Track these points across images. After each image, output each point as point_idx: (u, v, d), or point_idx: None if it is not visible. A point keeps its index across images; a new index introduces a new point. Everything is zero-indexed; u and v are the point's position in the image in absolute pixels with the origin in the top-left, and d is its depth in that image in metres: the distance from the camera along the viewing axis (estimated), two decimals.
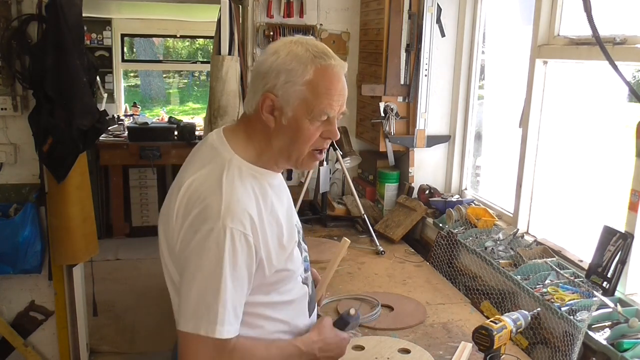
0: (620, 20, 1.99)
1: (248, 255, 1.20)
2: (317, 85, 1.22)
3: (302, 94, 1.22)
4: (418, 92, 2.96)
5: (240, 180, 1.24)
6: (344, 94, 1.29)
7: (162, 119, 6.34)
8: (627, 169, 1.91)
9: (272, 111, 1.25)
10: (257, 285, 1.27)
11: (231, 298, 1.18)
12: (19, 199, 3.03)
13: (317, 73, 1.23)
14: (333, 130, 1.28)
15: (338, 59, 1.27)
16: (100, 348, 3.62)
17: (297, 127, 1.25)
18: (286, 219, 1.33)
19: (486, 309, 2.16)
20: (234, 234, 1.18)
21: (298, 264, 1.36)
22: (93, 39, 5.89)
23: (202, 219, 1.19)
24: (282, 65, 1.23)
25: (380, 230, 2.92)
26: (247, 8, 3.15)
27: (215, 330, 1.17)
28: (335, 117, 1.28)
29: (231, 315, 1.19)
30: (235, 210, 1.19)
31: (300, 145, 1.27)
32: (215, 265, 1.17)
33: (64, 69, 2.66)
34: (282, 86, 1.23)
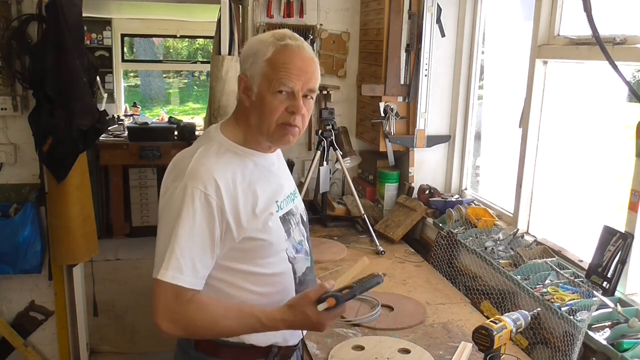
0: (620, 20, 1.99)
1: (208, 213, 1.31)
2: (275, 61, 1.36)
3: (263, 70, 1.36)
4: (418, 92, 2.96)
5: (217, 153, 1.39)
6: (306, 70, 1.39)
7: (162, 119, 6.35)
8: (627, 169, 1.91)
9: (245, 91, 1.40)
10: (231, 250, 1.37)
11: (181, 247, 1.29)
12: (19, 199, 3.03)
13: (275, 51, 1.36)
14: (295, 104, 1.37)
15: (299, 41, 1.40)
16: (100, 348, 3.62)
17: (262, 101, 1.37)
18: (268, 195, 1.42)
19: (486, 309, 2.16)
20: (194, 192, 1.31)
21: (279, 239, 1.43)
22: (93, 39, 5.89)
23: (173, 180, 1.36)
24: (250, 50, 1.40)
25: (380, 230, 2.92)
26: (247, 8, 3.15)
27: (159, 273, 1.29)
28: (299, 92, 1.37)
29: (180, 264, 1.29)
30: (198, 172, 1.33)
31: (266, 119, 1.38)
32: (174, 217, 1.31)
33: (64, 69, 2.66)
34: (249, 67, 1.39)
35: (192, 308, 1.32)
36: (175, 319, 1.32)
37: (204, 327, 1.35)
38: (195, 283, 1.33)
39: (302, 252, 1.51)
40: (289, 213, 1.50)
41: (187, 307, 1.32)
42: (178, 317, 1.32)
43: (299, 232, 1.52)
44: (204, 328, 1.35)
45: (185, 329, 1.35)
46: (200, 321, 1.33)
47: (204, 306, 1.34)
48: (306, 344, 1.82)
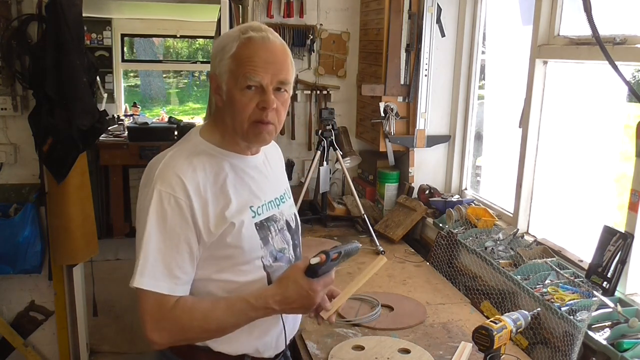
0: (620, 20, 1.99)
1: (179, 216, 1.27)
2: (239, 56, 1.29)
3: (229, 67, 1.30)
4: (418, 92, 2.96)
5: (189, 154, 1.34)
6: (274, 61, 1.30)
7: (162, 119, 6.34)
8: (627, 169, 1.91)
9: (217, 90, 1.35)
10: (206, 257, 1.33)
11: (154, 252, 1.25)
12: (19, 199, 3.03)
13: (239, 46, 1.29)
14: (266, 99, 1.30)
15: (264, 32, 1.31)
16: (100, 348, 3.61)
17: (231, 100, 1.31)
18: (243, 199, 1.36)
19: (486, 309, 2.16)
20: (162, 195, 1.27)
21: (253, 246, 1.36)
22: (93, 39, 5.89)
23: (143, 185, 1.34)
24: (218, 47, 1.34)
25: (380, 230, 2.92)
26: (247, 8, 3.15)
27: (135, 280, 1.25)
28: (269, 85, 1.30)
29: (155, 270, 1.25)
30: (167, 175, 1.29)
31: (237, 117, 1.32)
32: (144, 223, 1.27)
33: (64, 69, 2.66)
34: (217, 65, 1.33)
35: (178, 312, 1.27)
36: (163, 327, 1.28)
37: (195, 328, 1.30)
38: (175, 289, 1.28)
39: (283, 261, 1.44)
40: (270, 219, 1.43)
41: (173, 313, 1.27)
42: (166, 324, 1.28)
43: (282, 239, 1.45)
44: (196, 328, 1.30)
45: (176, 335, 1.30)
46: (190, 322, 1.29)
47: (190, 306, 1.29)
48: (306, 344, 1.82)
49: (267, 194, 1.45)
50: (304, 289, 1.30)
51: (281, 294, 1.31)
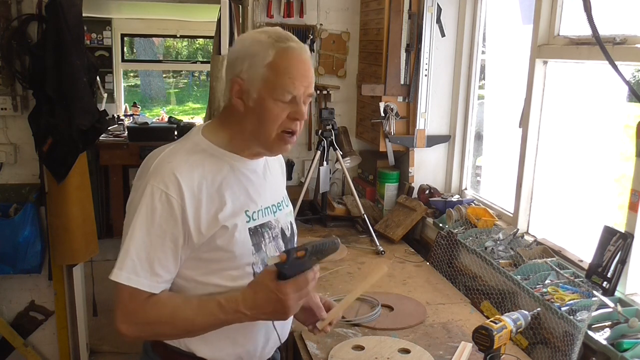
0: (620, 20, 1.99)
1: (168, 213, 1.25)
2: (277, 66, 1.28)
3: (264, 75, 1.28)
4: (418, 92, 2.96)
5: (188, 152, 1.32)
6: (307, 75, 1.32)
7: (162, 119, 6.35)
8: (627, 169, 1.91)
9: (240, 95, 1.32)
10: (192, 258, 1.31)
11: (137, 247, 1.24)
12: (19, 199, 3.03)
13: (277, 55, 1.28)
14: (299, 110, 1.31)
15: (299, 42, 1.32)
16: (100, 348, 3.61)
17: (263, 108, 1.30)
18: (238, 203, 1.34)
19: (486, 309, 2.16)
20: (154, 190, 1.25)
21: (244, 252, 1.34)
22: (93, 39, 5.90)
23: (137, 179, 1.33)
24: (246, 51, 1.31)
25: (380, 230, 2.92)
26: (247, 8, 3.15)
27: (113, 273, 1.25)
28: (301, 97, 1.31)
29: (136, 265, 1.24)
30: (162, 171, 1.27)
31: (267, 126, 1.31)
32: (133, 217, 1.26)
33: (64, 68, 2.66)
34: (246, 70, 1.30)
35: (149, 305, 1.27)
36: (132, 319, 1.27)
37: (163, 323, 1.28)
38: (154, 286, 1.27)
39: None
40: (264, 226, 1.40)
41: (144, 306, 1.26)
42: (135, 317, 1.27)
43: (275, 247, 1.42)
44: (164, 324, 1.28)
45: (143, 328, 1.29)
46: (158, 317, 1.27)
47: (162, 301, 1.28)
48: (306, 344, 1.83)
49: (265, 200, 1.42)
50: (272, 292, 1.24)
51: (251, 298, 1.26)
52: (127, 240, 1.26)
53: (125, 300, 1.27)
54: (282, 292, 1.23)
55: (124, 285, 1.25)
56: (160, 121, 6.17)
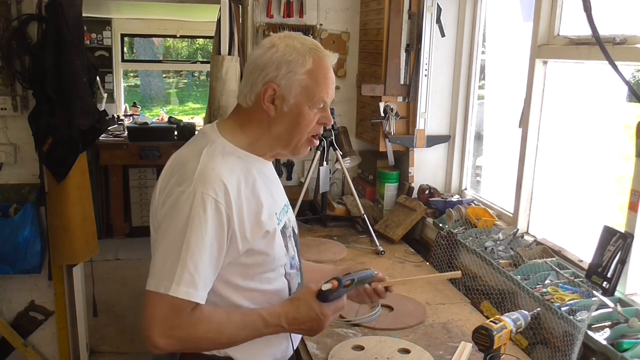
0: (620, 20, 1.99)
1: (218, 222, 1.24)
2: (316, 74, 1.33)
3: (304, 82, 1.32)
4: (418, 92, 2.96)
5: (222, 155, 1.32)
6: (334, 83, 1.40)
7: (162, 119, 6.35)
8: (627, 169, 1.91)
9: (272, 100, 1.33)
10: (232, 263, 1.31)
11: (193, 260, 1.21)
12: (19, 199, 3.03)
13: (315, 63, 1.33)
14: (327, 115, 1.39)
15: (329, 51, 1.39)
16: (100, 348, 3.62)
17: (298, 114, 1.34)
18: (269, 204, 1.36)
19: (486, 309, 2.16)
20: (205, 198, 1.23)
21: (281, 254, 1.38)
22: (93, 39, 5.90)
23: (177, 183, 1.27)
24: (282, 57, 1.32)
25: (380, 230, 2.92)
26: (247, 8, 3.15)
27: (171, 288, 1.20)
28: (328, 104, 1.39)
29: (193, 278, 1.21)
30: (208, 176, 1.25)
31: (301, 130, 1.37)
32: (182, 226, 1.22)
33: (64, 69, 2.66)
34: (284, 76, 1.31)
35: (194, 320, 1.24)
36: (176, 334, 1.23)
37: (209, 338, 1.27)
38: (200, 295, 1.25)
39: (295, 268, 1.46)
40: (285, 227, 1.44)
41: (189, 321, 1.23)
42: (179, 332, 1.23)
43: (292, 247, 1.47)
44: (209, 339, 1.27)
45: (186, 343, 1.26)
46: (205, 333, 1.25)
47: (207, 315, 1.26)
48: (306, 344, 1.82)
49: (281, 200, 1.47)
50: (314, 312, 1.31)
51: (293, 314, 1.31)
52: (181, 252, 1.21)
53: (167, 314, 1.22)
54: (323, 314, 1.32)
55: (163, 298, 1.21)
56: (160, 121, 6.17)
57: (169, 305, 1.22)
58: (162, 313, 1.22)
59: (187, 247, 1.21)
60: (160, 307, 1.22)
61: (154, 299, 1.22)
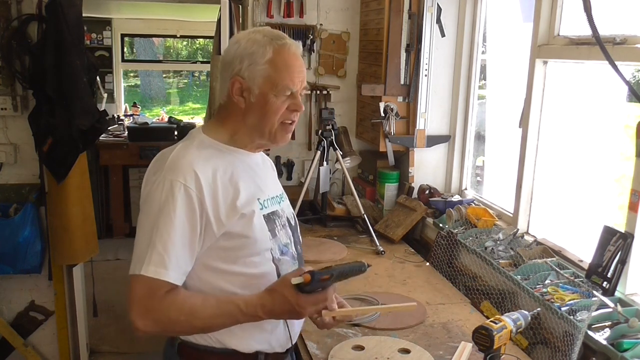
0: (620, 20, 1.99)
1: (187, 205, 1.30)
2: (277, 62, 1.37)
3: (265, 72, 1.37)
4: (418, 92, 2.96)
5: (198, 147, 1.39)
6: (302, 70, 1.42)
7: (162, 119, 6.35)
8: (627, 169, 1.91)
9: (241, 93, 1.39)
10: (213, 247, 1.35)
11: (162, 241, 1.27)
12: (19, 199, 3.03)
13: (275, 52, 1.37)
14: (297, 102, 1.41)
15: (292, 40, 1.42)
16: (100, 348, 3.62)
17: (265, 103, 1.38)
18: (250, 191, 1.40)
19: (486, 309, 2.16)
20: (173, 184, 1.30)
21: (263, 237, 1.41)
22: (93, 39, 5.90)
23: (152, 174, 1.37)
24: (243, 50, 1.38)
25: (380, 230, 2.92)
26: (247, 8, 3.15)
27: (142, 268, 1.27)
28: (298, 91, 1.41)
29: (162, 257, 1.27)
30: (179, 164, 1.33)
31: (270, 118, 1.40)
32: (154, 212, 1.30)
33: (64, 69, 2.66)
34: (246, 68, 1.37)
35: (168, 301, 1.28)
36: (151, 315, 1.28)
37: (182, 322, 1.31)
38: (177, 278, 1.30)
39: (288, 255, 1.48)
40: (274, 214, 1.48)
41: (163, 302, 1.28)
42: (155, 313, 1.28)
43: (285, 234, 1.50)
44: (183, 322, 1.31)
45: (161, 325, 1.30)
46: (177, 314, 1.29)
47: (181, 298, 1.30)
48: (306, 344, 1.82)
49: (270, 190, 1.50)
50: (290, 303, 1.31)
51: (269, 304, 1.32)
52: (149, 234, 1.29)
53: (143, 295, 1.28)
54: (300, 306, 1.31)
55: (144, 279, 1.26)
56: (160, 121, 6.17)
57: (144, 286, 1.27)
58: (138, 294, 1.28)
59: (156, 230, 1.28)
60: (136, 289, 1.28)
61: (132, 282, 1.29)
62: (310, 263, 1.77)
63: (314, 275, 1.28)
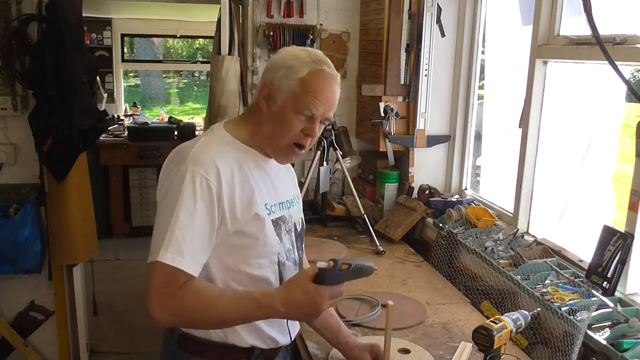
0: (620, 20, 1.99)
1: (208, 198, 1.32)
2: (307, 84, 1.37)
3: (293, 88, 1.38)
4: (418, 92, 2.96)
5: (219, 144, 1.41)
6: (331, 100, 1.41)
7: (162, 119, 6.35)
8: (627, 169, 1.91)
9: (267, 98, 1.42)
10: (223, 243, 1.37)
11: (180, 229, 1.28)
12: (19, 199, 3.03)
13: (310, 74, 1.38)
14: (313, 128, 1.41)
15: (334, 70, 1.42)
16: (100, 348, 3.62)
17: (282, 116, 1.40)
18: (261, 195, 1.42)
19: (486, 309, 2.16)
20: (195, 175, 1.32)
21: (272, 241, 1.43)
22: (93, 39, 5.90)
23: (173, 164, 1.38)
24: (284, 61, 1.41)
25: (380, 230, 2.92)
26: (247, 8, 3.15)
27: (159, 255, 1.27)
28: (318, 118, 1.40)
29: (179, 245, 1.27)
30: (200, 157, 1.35)
31: (282, 133, 1.41)
32: (174, 201, 1.30)
33: (64, 68, 2.66)
34: (279, 78, 1.39)
35: (186, 292, 1.28)
36: (169, 304, 1.27)
37: (199, 312, 1.30)
38: (194, 269, 1.30)
39: (290, 261, 1.51)
40: (281, 219, 1.49)
41: (181, 292, 1.27)
42: (172, 302, 1.27)
43: (289, 239, 1.51)
44: (200, 313, 1.30)
45: (179, 315, 1.30)
46: (195, 305, 1.29)
47: (199, 289, 1.30)
48: (306, 344, 1.82)
49: (279, 195, 1.51)
50: (310, 294, 1.30)
51: (289, 296, 1.31)
52: (170, 223, 1.28)
53: (162, 283, 1.28)
54: (319, 295, 1.30)
55: (161, 267, 1.26)
56: (160, 121, 6.17)
57: (161, 274, 1.27)
58: (156, 282, 1.28)
59: (175, 219, 1.29)
60: (154, 277, 1.28)
61: (150, 271, 1.29)
62: (310, 263, 1.77)
63: (337, 263, 1.30)
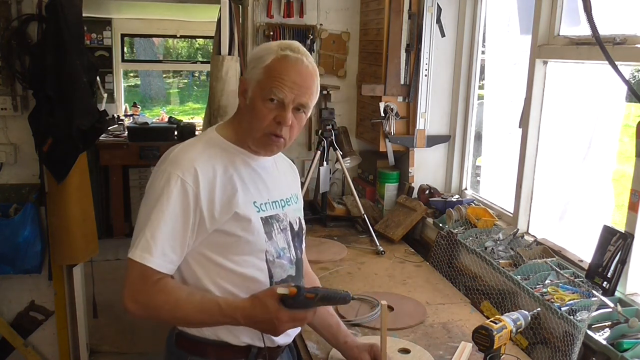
0: (620, 20, 1.99)
1: (182, 198, 1.35)
2: (271, 70, 1.38)
3: (259, 76, 1.39)
4: (418, 92, 2.96)
5: (205, 145, 1.44)
6: (300, 84, 1.38)
7: (162, 119, 6.35)
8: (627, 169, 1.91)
9: (244, 93, 1.44)
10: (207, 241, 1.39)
11: (151, 229, 1.33)
12: (19, 199, 3.03)
13: (274, 60, 1.38)
14: (284, 115, 1.38)
15: (300, 54, 1.40)
16: (100, 348, 3.62)
17: (253, 106, 1.40)
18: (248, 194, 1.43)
19: (486, 309, 2.16)
20: (171, 176, 1.35)
21: (258, 239, 1.43)
22: (93, 39, 5.90)
23: (158, 165, 1.42)
24: (256, 54, 1.43)
25: (380, 230, 2.92)
26: (247, 8, 3.15)
27: (130, 252, 1.33)
28: (289, 104, 1.38)
29: (148, 244, 1.32)
30: (181, 159, 1.38)
31: (254, 124, 1.41)
32: (151, 201, 1.36)
33: (64, 69, 2.66)
34: (250, 71, 1.42)
35: (156, 290, 1.33)
36: (139, 299, 1.34)
37: (165, 311, 1.34)
38: (163, 266, 1.34)
39: (284, 259, 1.49)
40: (273, 217, 1.48)
41: (152, 289, 1.33)
42: (142, 297, 1.34)
43: (283, 238, 1.50)
44: (165, 310, 1.34)
45: (148, 310, 1.35)
46: (162, 303, 1.34)
47: (169, 289, 1.35)
48: (306, 344, 1.82)
49: (272, 194, 1.50)
50: (270, 313, 1.30)
51: (248, 310, 1.32)
52: (143, 222, 1.35)
53: (135, 278, 1.34)
54: (278, 318, 1.30)
55: (135, 263, 1.32)
56: (160, 121, 6.17)
57: (136, 271, 1.33)
58: (130, 277, 1.34)
59: (148, 218, 1.34)
60: (129, 272, 1.34)
61: (128, 266, 1.35)
62: (310, 263, 1.77)
63: (300, 290, 1.28)
